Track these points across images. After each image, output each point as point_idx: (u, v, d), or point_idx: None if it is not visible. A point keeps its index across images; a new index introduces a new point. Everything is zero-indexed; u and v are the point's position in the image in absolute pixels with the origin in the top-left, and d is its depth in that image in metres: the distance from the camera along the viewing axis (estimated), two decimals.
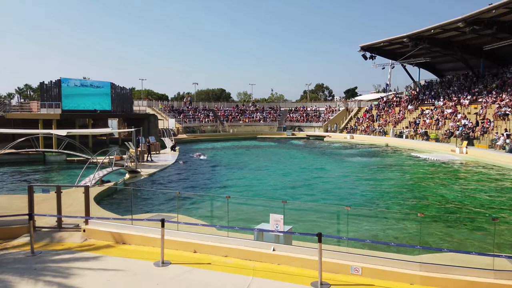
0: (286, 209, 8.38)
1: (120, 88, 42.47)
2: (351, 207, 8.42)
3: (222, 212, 12.25)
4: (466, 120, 34.62)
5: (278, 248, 7.77)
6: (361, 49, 47.36)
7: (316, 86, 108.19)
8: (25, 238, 9.03)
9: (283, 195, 16.24)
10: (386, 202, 15.87)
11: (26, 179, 20.20)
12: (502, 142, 27.50)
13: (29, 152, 26.59)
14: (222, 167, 25.12)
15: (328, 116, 55.47)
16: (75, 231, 9.58)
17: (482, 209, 14.54)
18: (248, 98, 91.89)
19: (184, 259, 7.84)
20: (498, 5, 28.78)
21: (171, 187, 18.45)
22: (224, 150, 37.32)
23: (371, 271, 6.95)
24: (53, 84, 36.71)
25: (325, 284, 6.59)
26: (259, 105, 64.82)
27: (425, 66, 52.35)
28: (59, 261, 7.80)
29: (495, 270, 6.52)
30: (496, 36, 34.60)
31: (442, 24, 35.14)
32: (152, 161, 25.32)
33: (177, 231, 8.78)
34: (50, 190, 11.81)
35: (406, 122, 42.91)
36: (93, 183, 15.48)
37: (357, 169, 24.28)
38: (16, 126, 31.67)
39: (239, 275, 7.06)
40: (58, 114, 33.73)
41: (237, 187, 18.79)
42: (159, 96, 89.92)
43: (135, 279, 6.94)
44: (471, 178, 20.78)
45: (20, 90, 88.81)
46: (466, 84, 43.41)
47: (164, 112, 53.32)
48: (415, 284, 6.63)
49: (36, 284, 6.67)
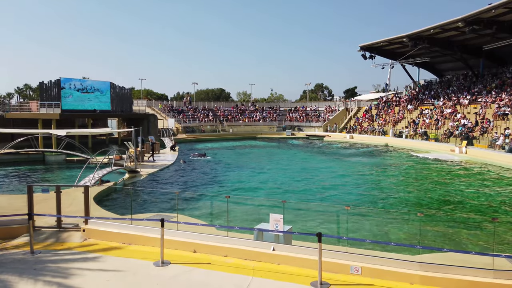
0: (285, 208, 8.38)
1: (119, 88, 42.46)
2: (350, 207, 8.42)
3: (221, 212, 12.26)
4: (466, 120, 34.64)
5: (278, 248, 7.77)
6: (360, 49, 47.37)
7: (315, 86, 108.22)
8: (24, 238, 9.02)
9: (282, 195, 16.24)
10: (385, 201, 15.87)
11: (26, 179, 20.19)
12: (501, 142, 27.51)
13: (29, 152, 26.58)
14: (222, 167, 25.12)
15: (328, 116, 55.48)
16: (74, 231, 9.57)
17: (481, 208, 14.55)
18: (248, 98, 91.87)
19: (184, 259, 7.83)
20: (498, 5, 28.79)
21: (171, 187, 18.44)
22: (224, 150, 37.33)
23: (371, 270, 6.94)
24: (53, 84, 36.70)
25: (325, 284, 6.59)
26: (258, 105, 64.84)
27: (425, 66, 52.37)
28: (59, 261, 7.79)
29: (495, 269, 6.52)
30: (496, 36, 34.61)
31: (442, 24, 35.15)
32: (154, 160, 25.36)
33: (176, 231, 8.77)
34: (49, 190, 11.80)
35: (406, 122, 42.92)
36: (92, 183, 15.47)
37: (357, 169, 24.29)
38: (16, 126, 31.64)
39: (239, 275, 7.06)
40: (58, 114, 33.73)
41: (237, 187, 18.78)
42: (158, 96, 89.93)
43: (135, 279, 6.94)
44: (470, 178, 20.79)
45: (20, 90, 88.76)
46: (466, 84, 43.43)
47: (164, 112, 53.31)
48: (415, 283, 6.63)
49: (35, 284, 6.66)
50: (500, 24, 32.38)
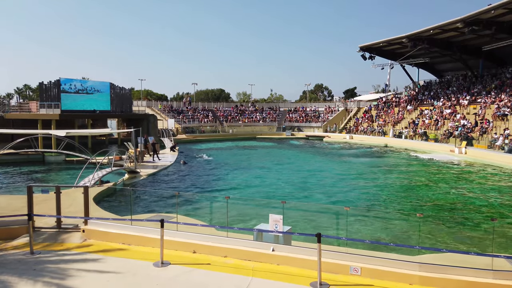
0: (285, 209, 8.39)
1: (119, 88, 42.45)
2: (350, 208, 8.44)
3: (221, 213, 12.26)
4: (465, 121, 34.67)
5: (277, 248, 7.78)
6: (360, 50, 47.43)
7: (315, 86, 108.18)
8: (24, 238, 9.03)
9: (282, 196, 16.25)
10: (385, 202, 15.89)
11: (25, 180, 20.19)
12: (501, 142, 27.54)
13: (28, 153, 26.57)
14: (222, 167, 25.13)
15: (328, 117, 55.50)
16: (74, 232, 9.58)
17: (481, 209, 14.57)
18: (248, 98, 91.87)
19: (184, 260, 7.84)
20: (497, 5, 28.82)
21: (171, 188, 18.45)
22: (224, 150, 37.34)
23: (370, 271, 6.96)
24: (52, 84, 36.68)
25: (324, 284, 6.60)
26: (258, 105, 64.85)
27: (424, 67, 52.41)
28: (59, 261, 7.80)
29: (494, 270, 6.53)
30: (495, 36, 34.64)
31: (441, 25, 35.19)
32: (153, 161, 25.38)
33: (176, 231, 8.78)
34: (49, 190, 11.80)
35: (405, 122, 42.95)
36: (92, 184, 15.47)
37: (357, 170, 24.30)
38: (15, 127, 31.63)
39: (239, 276, 7.07)
40: (57, 114, 33.70)
41: (237, 187, 18.79)
42: (158, 96, 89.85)
43: (135, 280, 6.95)
44: (470, 178, 20.81)
45: (19, 90, 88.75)
46: (465, 84, 43.46)
47: (164, 112, 53.31)
48: (414, 284, 6.65)
49: (35, 284, 6.67)
50: (500, 24, 32.42)
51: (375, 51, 48.03)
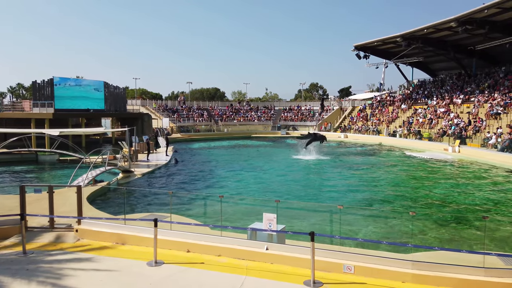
0: (279, 208, 8.40)
1: (113, 87, 42.26)
2: (343, 206, 8.47)
3: (215, 212, 12.24)
4: (459, 119, 34.91)
5: (271, 247, 7.80)
6: (355, 49, 47.58)
7: (310, 85, 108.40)
8: (16, 238, 8.97)
9: (276, 194, 16.26)
10: (378, 201, 15.95)
11: (18, 179, 20.03)
12: (494, 141, 27.77)
13: (21, 152, 26.35)
14: (216, 166, 25.10)
15: (322, 115, 55.62)
16: (67, 231, 9.53)
17: (472, 207, 14.68)
18: (243, 97, 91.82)
19: (177, 259, 7.83)
20: (490, 5, 29.03)
21: (165, 187, 18.40)
22: (219, 149, 37.29)
23: (364, 269, 6.99)
24: (46, 83, 36.45)
25: (318, 283, 6.62)
26: (253, 104, 64.84)
27: (418, 66, 52.71)
28: (52, 261, 7.76)
29: (486, 268, 6.59)
30: (488, 36, 34.88)
31: (435, 24, 35.39)
32: (148, 160, 25.29)
33: (170, 230, 8.77)
34: (42, 190, 11.77)
35: (400, 121, 43.18)
36: (86, 183, 15.38)
37: (351, 168, 24.37)
38: (8, 126, 31.37)
39: (232, 275, 7.07)
40: (51, 113, 33.49)
41: (231, 186, 18.78)
42: (153, 95, 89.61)
43: (128, 279, 6.93)
44: (463, 177, 20.96)
45: (12, 89, 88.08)
46: (459, 83, 43.76)
47: (158, 111, 53.12)
48: (407, 282, 6.69)
49: (28, 284, 6.62)
50: (493, 24, 32.66)
51: (370, 50, 48.20)
